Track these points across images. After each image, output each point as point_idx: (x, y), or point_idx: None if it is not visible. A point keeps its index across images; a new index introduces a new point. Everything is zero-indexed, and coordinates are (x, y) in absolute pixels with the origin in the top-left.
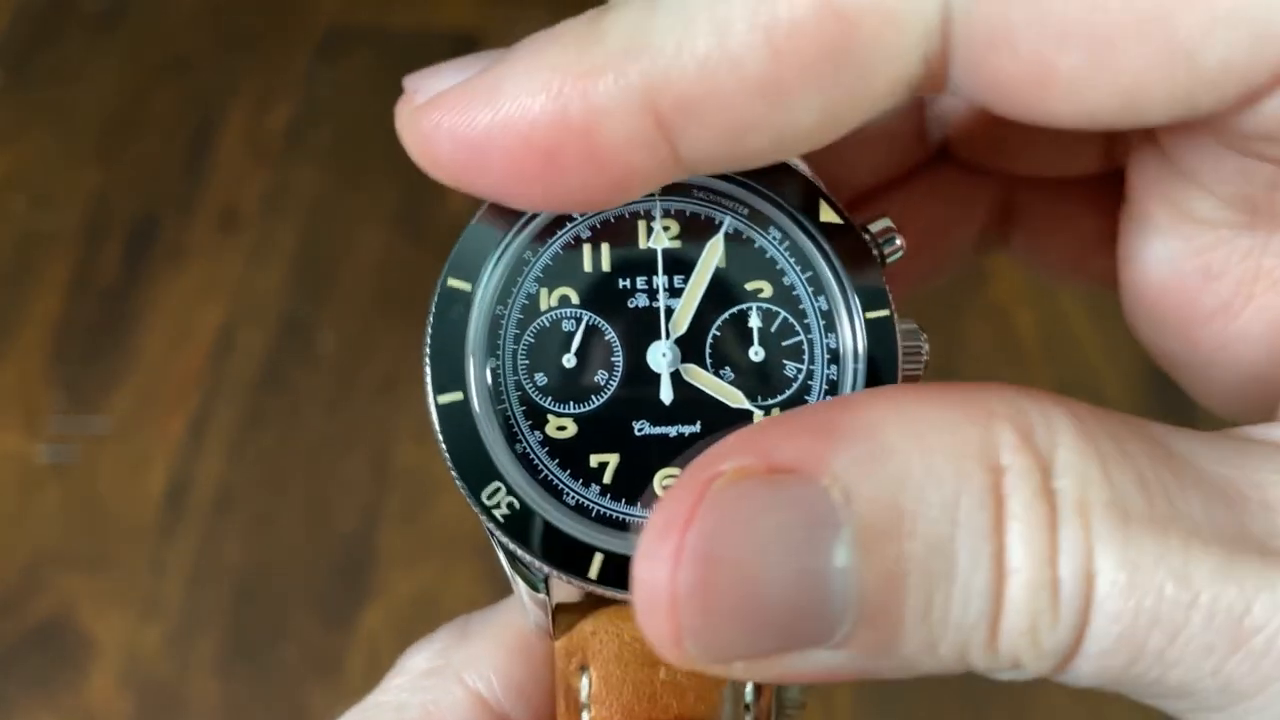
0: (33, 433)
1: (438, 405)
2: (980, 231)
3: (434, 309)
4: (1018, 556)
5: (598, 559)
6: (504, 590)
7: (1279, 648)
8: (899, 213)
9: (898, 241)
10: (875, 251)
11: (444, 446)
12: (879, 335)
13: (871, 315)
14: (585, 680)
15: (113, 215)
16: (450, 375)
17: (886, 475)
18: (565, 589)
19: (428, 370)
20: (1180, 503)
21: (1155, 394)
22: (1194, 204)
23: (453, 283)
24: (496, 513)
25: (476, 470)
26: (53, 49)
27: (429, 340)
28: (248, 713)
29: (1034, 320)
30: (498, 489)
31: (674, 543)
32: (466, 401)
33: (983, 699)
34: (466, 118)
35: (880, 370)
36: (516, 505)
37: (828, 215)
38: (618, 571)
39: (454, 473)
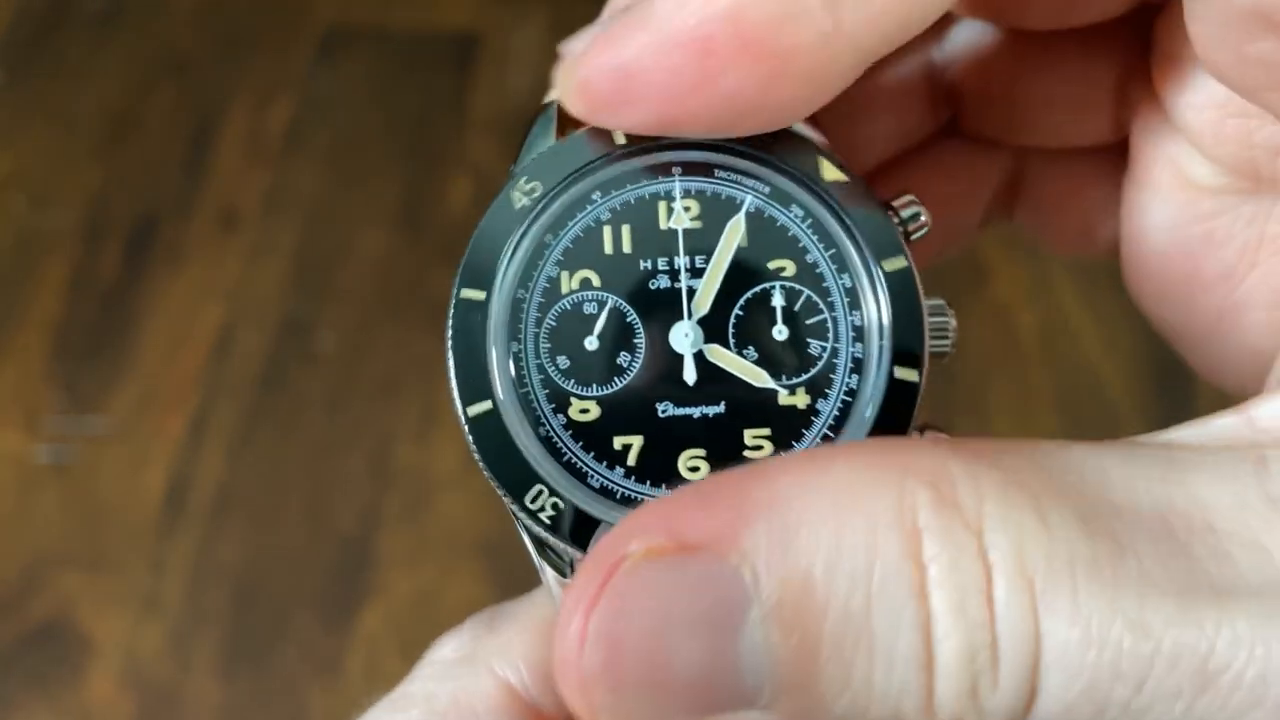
0: (33, 433)
1: (469, 418)
2: (987, 205)
3: (450, 323)
4: (944, 623)
5: None
6: (505, 591)
7: (1247, 681)
8: (910, 185)
9: (923, 217)
10: (900, 228)
11: (480, 459)
12: (905, 313)
13: (898, 293)
14: None
15: (113, 215)
16: (477, 386)
17: (797, 550)
18: None
19: (454, 385)
20: (1126, 541)
21: (1155, 392)
22: (1197, 169)
23: (466, 293)
24: (542, 515)
25: (516, 476)
26: (53, 49)
27: (451, 355)
28: (248, 713)
29: (1034, 320)
30: (540, 492)
31: (579, 625)
32: (496, 409)
33: None
34: (624, 45)
35: (908, 347)
36: (561, 505)
37: (842, 181)
38: None
39: (495, 482)
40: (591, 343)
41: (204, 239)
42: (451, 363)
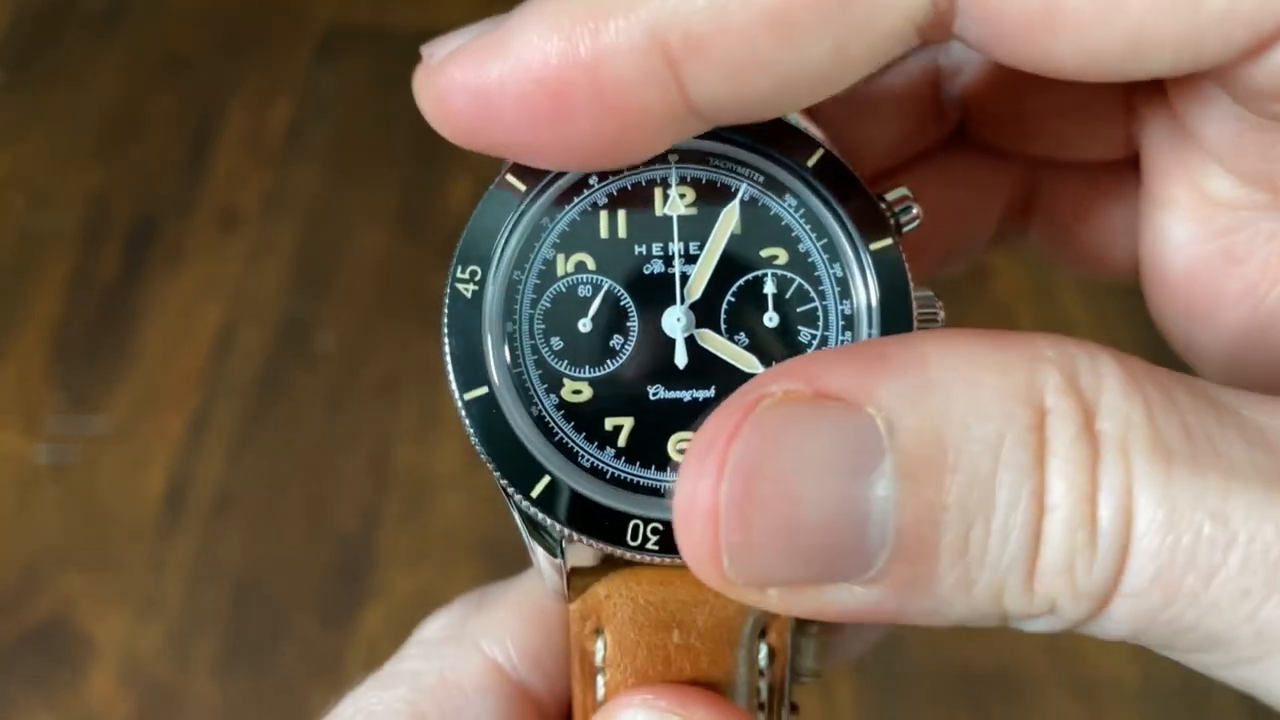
0: (33, 433)
1: (465, 402)
2: (999, 221)
3: (446, 309)
4: (1057, 493)
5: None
6: None
7: None
8: (916, 192)
9: (914, 210)
10: (891, 220)
11: (479, 444)
12: (892, 298)
13: (886, 277)
14: (600, 644)
15: (112, 215)
16: (474, 373)
17: (931, 408)
18: (580, 553)
19: (450, 372)
20: (1222, 445)
21: None
22: (1213, 183)
23: (459, 286)
24: (534, 493)
25: (519, 466)
26: (53, 49)
27: (446, 341)
28: (247, 713)
29: (1034, 320)
30: (548, 483)
31: (718, 457)
32: (492, 393)
33: (984, 699)
34: (479, 68)
35: (895, 331)
36: (551, 484)
37: (843, 182)
38: (632, 533)
39: (496, 472)
40: (585, 325)
41: (204, 239)
42: (448, 350)
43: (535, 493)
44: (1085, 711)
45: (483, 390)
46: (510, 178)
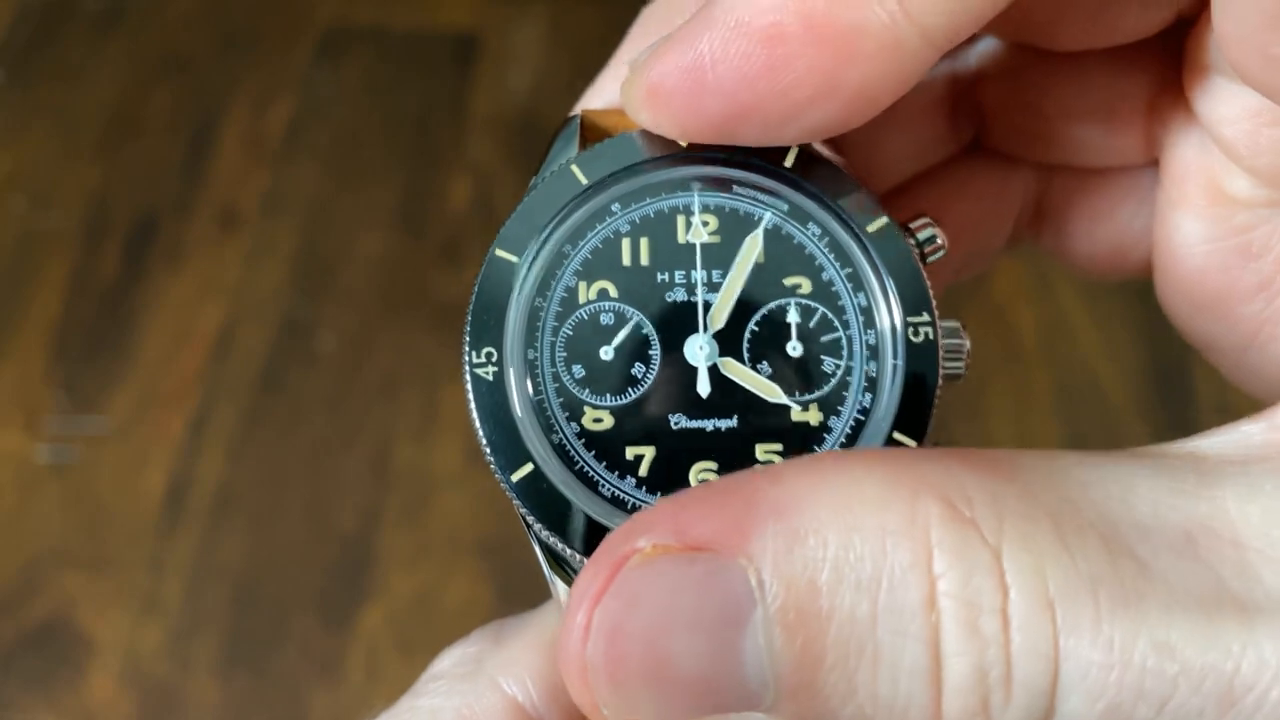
0: (33, 433)
1: (473, 374)
2: (1014, 225)
3: (479, 283)
4: (955, 639)
5: None
6: (505, 591)
7: (1271, 701)
8: (933, 206)
9: (939, 240)
10: (916, 250)
11: (477, 419)
12: (919, 336)
13: (914, 319)
14: None
15: (113, 215)
16: (486, 338)
17: (803, 556)
18: None
19: (467, 340)
20: (1150, 561)
21: (1155, 393)
22: (1232, 182)
23: (478, 371)
24: (521, 473)
25: (510, 448)
26: (53, 49)
27: (471, 310)
28: (248, 713)
29: (1034, 320)
30: (530, 470)
31: (584, 616)
32: (502, 374)
33: None
34: (689, 46)
35: (921, 369)
36: (543, 479)
37: (870, 214)
38: None
39: (486, 447)
40: (607, 353)
41: (204, 239)
42: (470, 320)
43: (543, 509)
44: None
45: (529, 469)
46: (500, 252)
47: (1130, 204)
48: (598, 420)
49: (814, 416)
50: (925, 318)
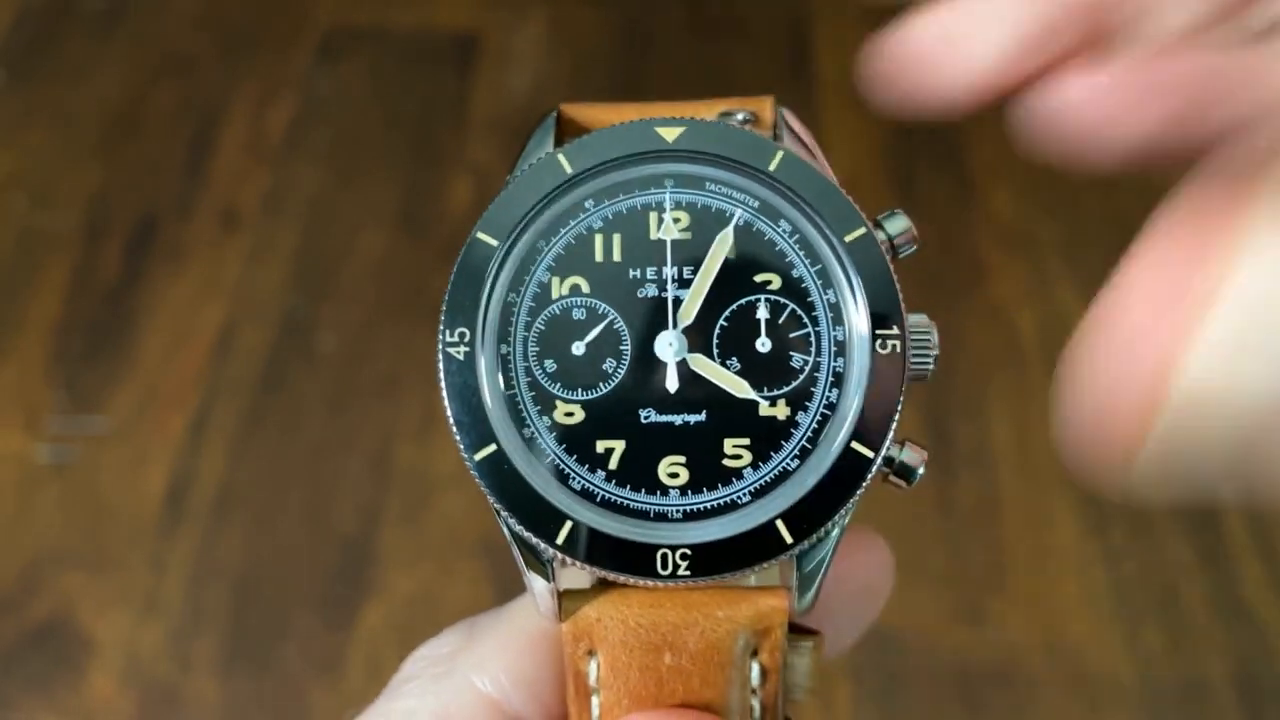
0: (33, 433)
1: (445, 351)
2: None
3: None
4: None
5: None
6: (505, 590)
7: None
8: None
9: (911, 232)
10: (889, 249)
11: (446, 396)
12: (886, 349)
13: (882, 331)
14: (593, 665)
15: (113, 215)
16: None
17: None
18: (572, 575)
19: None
20: None
21: None
22: None
23: (450, 350)
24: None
25: (476, 427)
26: (53, 49)
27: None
28: (248, 713)
29: (1034, 320)
30: (493, 451)
31: None
32: (474, 355)
33: (982, 699)
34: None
35: (886, 383)
36: (505, 460)
37: (848, 223)
38: (625, 555)
39: (453, 425)
40: (578, 348)
41: (204, 239)
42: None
43: (560, 540)
44: (1083, 711)
45: (491, 449)
46: (481, 235)
47: None
48: (569, 414)
49: (781, 411)
50: (894, 330)
